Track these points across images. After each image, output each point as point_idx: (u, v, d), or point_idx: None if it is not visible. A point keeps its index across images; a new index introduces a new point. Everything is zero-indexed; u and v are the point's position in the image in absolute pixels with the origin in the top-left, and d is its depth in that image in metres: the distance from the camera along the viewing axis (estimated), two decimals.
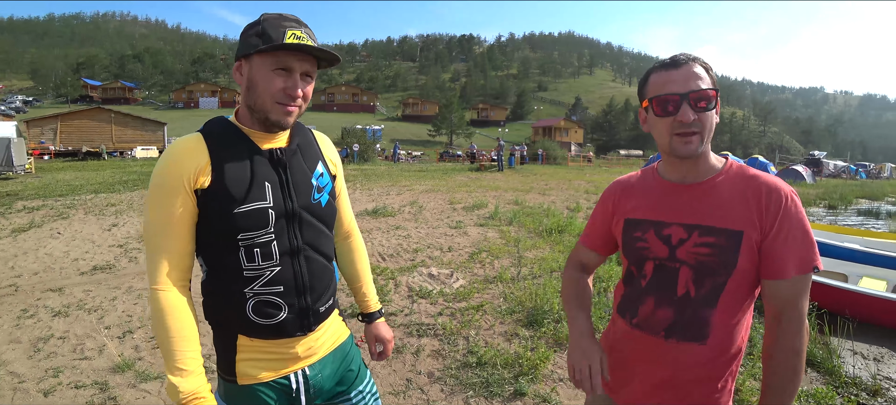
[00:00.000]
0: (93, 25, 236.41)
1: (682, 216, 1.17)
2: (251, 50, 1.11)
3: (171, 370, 1.08)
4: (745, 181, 1.14)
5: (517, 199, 12.29)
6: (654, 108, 1.14)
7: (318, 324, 1.28)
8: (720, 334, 1.14)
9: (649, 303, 1.21)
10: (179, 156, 1.12)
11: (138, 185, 14.37)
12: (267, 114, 1.14)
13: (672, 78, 1.11)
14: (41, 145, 31.39)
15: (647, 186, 1.29)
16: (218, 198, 1.11)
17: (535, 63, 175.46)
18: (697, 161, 1.17)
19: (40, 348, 3.51)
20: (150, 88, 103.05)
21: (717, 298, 1.13)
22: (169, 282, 1.12)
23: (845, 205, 15.62)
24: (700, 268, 1.13)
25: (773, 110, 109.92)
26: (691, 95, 1.09)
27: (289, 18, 1.13)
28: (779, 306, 1.09)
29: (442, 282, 5.18)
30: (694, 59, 1.12)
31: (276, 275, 1.18)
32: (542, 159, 36.30)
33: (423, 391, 3.02)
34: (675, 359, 1.18)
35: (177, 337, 1.09)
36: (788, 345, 1.09)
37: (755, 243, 1.09)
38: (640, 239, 1.24)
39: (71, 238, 7.09)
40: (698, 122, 1.10)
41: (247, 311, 1.17)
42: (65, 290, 4.78)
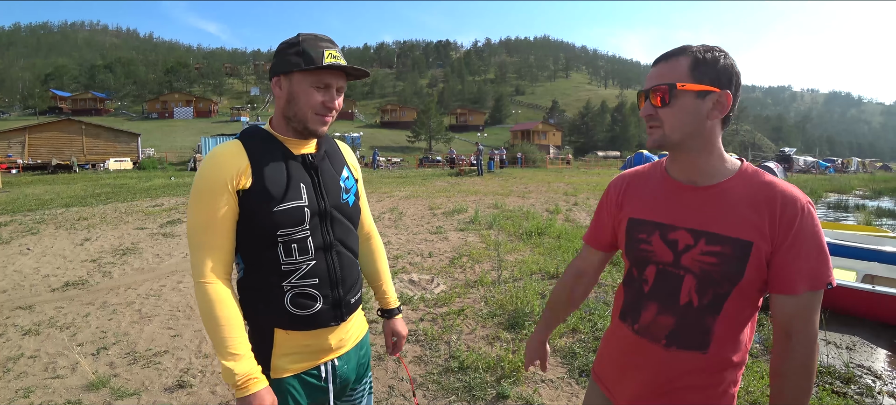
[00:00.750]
0: (61, 35, 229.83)
1: (689, 221, 1.12)
2: (293, 68, 1.22)
3: (225, 356, 1.17)
4: (760, 187, 1.07)
5: (497, 202, 12.36)
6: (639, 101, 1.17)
7: (349, 314, 1.38)
8: (722, 343, 1.11)
9: (652, 309, 1.18)
10: (222, 160, 1.22)
11: (112, 197, 14.02)
12: (306, 124, 1.26)
13: (649, 76, 1.13)
14: (8, 159, 30.37)
15: (654, 184, 1.23)
16: (259, 197, 1.22)
17: (512, 67, 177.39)
18: (701, 159, 1.12)
19: (10, 368, 3.39)
20: (123, 99, 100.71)
21: (721, 307, 1.09)
22: (214, 275, 1.21)
23: (816, 199, 16.12)
24: (704, 277, 1.09)
25: (744, 109, 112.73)
26: (651, 92, 1.10)
27: (323, 38, 1.25)
28: (787, 322, 1.05)
29: (423, 287, 5.18)
30: (682, 53, 1.08)
31: (312, 268, 1.28)
32: (521, 162, 36.58)
33: (406, 398, 3.01)
34: (675, 367, 1.15)
35: (226, 325, 1.18)
36: (798, 364, 1.04)
37: (765, 255, 1.04)
38: (645, 241, 1.19)
39: (41, 254, 6.88)
40: (657, 117, 1.10)
41: (285, 304, 1.26)
42: (35, 308, 4.64)
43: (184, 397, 3.03)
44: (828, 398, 3.02)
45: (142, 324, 4.22)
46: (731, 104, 1.07)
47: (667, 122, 1.09)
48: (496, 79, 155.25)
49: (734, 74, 1.07)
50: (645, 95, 1.12)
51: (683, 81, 1.05)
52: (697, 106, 1.06)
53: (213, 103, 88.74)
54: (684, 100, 1.06)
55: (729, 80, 1.06)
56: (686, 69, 1.06)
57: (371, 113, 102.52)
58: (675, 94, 1.06)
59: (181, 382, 3.19)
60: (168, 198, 14.01)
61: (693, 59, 1.06)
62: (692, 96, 1.06)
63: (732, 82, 1.07)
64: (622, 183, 1.32)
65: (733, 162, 1.14)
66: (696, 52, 1.06)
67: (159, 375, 3.31)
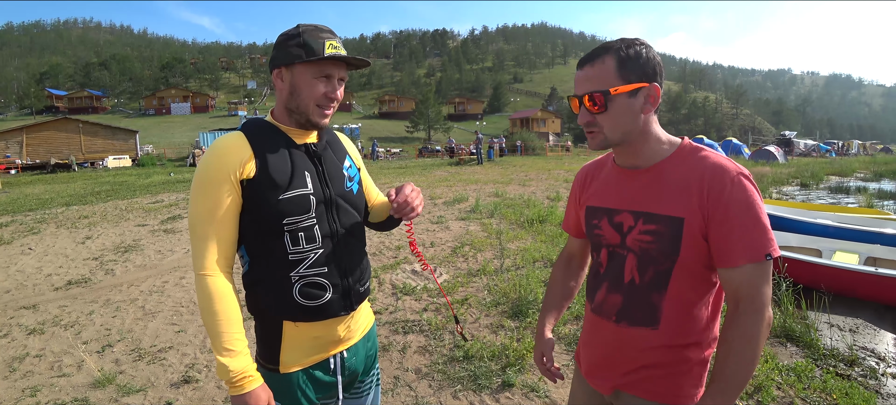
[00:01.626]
0: (54, 33, 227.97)
1: (631, 203, 1.17)
2: (295, 60, 1.21)
3: (220, 351, 1.15)
4: (692, 164, 1.10)
5: (497, 191, 12.34)
6: (571, 105, 1.17)
7: (358, 303, 1.37)
8: (674, 319, 1.13)
9: (603, 288, 1.24)
10: (224, 151, 1.21)
11: (112, 195, 13.99)
12: (308, 116, 1.26)
13: (577, 79, 1.14)
14: (6, 159, 30.29)
15: (605, 172, 1.29)
16: (263, 186, 1.21)
17: (510, 55, 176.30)
18: (639, 147, 1.15)
19: (15, 368, 3.40)
20: (119, 96, 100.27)
21: (666, 284, 1.12)
22: (215, 268, 1.19)
23: (817, 182, 16.08)
24: (643, 255, 1.14)
25: (744, 93, 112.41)
26: (583, 98, 1.11)
27: (324, 29, 1.24)
28: (733, 293, 1.06)
29: (426, 277, 5.18)
30: (606, 52, 1.09)
31: (320, 256, 1.27)
32: (521, 151, 36.48)
33: (412, 388, 3.01)
34: (628, 343, 1.19)
35: (224, 319, 1.16)
36: (741, 333, 1.03)
37: (699, 230, 1.06)
38: (597, 226, 1.26)
39: (43, 253, 6.87)
40: (595, 123, 1.12)
41: (294, 295, 1.25)
42: (39, 307, 4.64)
43: (190, 392, 3.04)
44: (832, 381, 3.03)
45: (146, 321, 4.22)
46: (659, 94, 1.10)
47: (605, 126, 1.12)
48: (494, 67, 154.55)
49: (657, 65, 1.09)
50: (579, 101, 1.13)
51: (614, 84, 1.07)
52: (631, 104, 1.09)
53: (210, 98, 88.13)
54: (618, 102, 1.09)
55: (654, 72, 1.09)
56: (613, 70, 1.07)
57: (369, 104, 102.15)
58: (609, 99, 1.08)
59: (187, 378, 3.19)
60: (168, 194, 13.99)
61: (618, 58, 1.07)
62: (624, 97, 1.08)
63: (657, 73, 1.09)
64: (582, 173, 1.40)
65: (673, 141, 1.17)
66: (620, 51, 1.08)
67: (165, 371, 3.31)
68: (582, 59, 1.13)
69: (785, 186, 15.39)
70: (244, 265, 1.30)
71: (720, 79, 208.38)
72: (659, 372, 1.17)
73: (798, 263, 4.78)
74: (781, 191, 14.13)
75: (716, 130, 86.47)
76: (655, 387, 1.18)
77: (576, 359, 1.44)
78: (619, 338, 1.20)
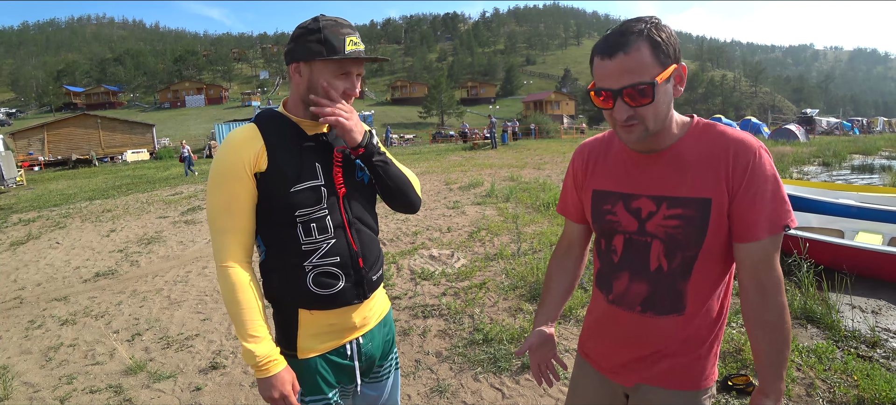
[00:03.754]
0: (69, 31, 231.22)
1: (649, 187, 1.13)
2: (315, 56, 1.21)
3: (245, 338, 1.20)
4: (712, 141, 1.08)
5: (512, 175, 12.32)
6: (594, 100, 1.07)
7: (372, 291, 1.38)
8: (697, 303, 1.13)
9: (623, 278, 1.19)
10: (237, 144, 1.23)
11: (133, 188, 14.29)
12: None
13: (607, 70, 1.02)
14: (30, 156, 31.04)
15: (614, 155, 1.22)
16: (275, 178, 1.23)
17: (522, 37, 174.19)
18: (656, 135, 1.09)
19: (51, 357, 3.55)
20: (135, 90, 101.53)
21: (691, 269, 1.10)
22: (234, 259, 1.23)
23: (839, 161, 15.71)
24: (670, 241, 1.10)
25: (763, 70, 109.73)
26: (625, 92, 1.01)
27: (343, 23, 1.23)
28: (754, 271, 1.05)
29: (443, 262, 5.23)
30: (637, 38, 0.99)
31: (332, 246, 1.28)
32: (535, 134, 36.24)
33: (433, 370, 3.07)
34: (653, 332, 1.16)
35: (247, 308, 1.21)
36: (778, 310, 1.05)
37: (725, 208, 1.05)
38: (610, 212, 1.20)
39: (70, 247, 7.08)
40: (636, 116, 1.03)
41: (307, 284, 1.27)
42: (70, 299, 4.80)
43: (218, 378, 3.13)
44: (853, 362, 3.00)
45: (172, 310, 4.35)
46: (686, 72, 1.06)
47: (649, 118, 1.03)
48: (506, 49, 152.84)
49: (677, 42, 1.04)
50: (614, 95, 1.02)
51: (655, 73, 0.99)
52: (668, 90, 1.04)
53: (223, 89, 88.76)
54: (662, 91, 1.02)
55: (677, 50, 1.04)
56: (650, 57, 0.99)
57: (381, 90, 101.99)
58: (656, 90, 1.00)
59: (214, 364, 3.29)
60: (186, 186, 14.23)
61: (651, 43, 0.99)
62: (665, 84, 1.03)
63: (679, 51, 1.04)
64: (584, 153, 1.31)
65: (685, 121, 1.14)
66: (650, 34, 0.99)
67: (193, 358, 3.42)
68: (608, 46, 1.01)
69: (806, 166, 15.07)
70: (261, 254, 1.33)
71: (739, 56, 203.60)
72: (682, 360, 1.16)
73: (820, 244, 4.71)
74: (802, 170, 13.85)
75: (734, 109, 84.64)
76: (679, 377, 1.17)
77: (581, 351, 1.38)
78: (645, 329, 1.17)
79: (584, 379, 1.37)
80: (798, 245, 4.53)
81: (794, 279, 4.38)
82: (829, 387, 2.77)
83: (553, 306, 1.39)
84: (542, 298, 1.42)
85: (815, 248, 4.56)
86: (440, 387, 2.87)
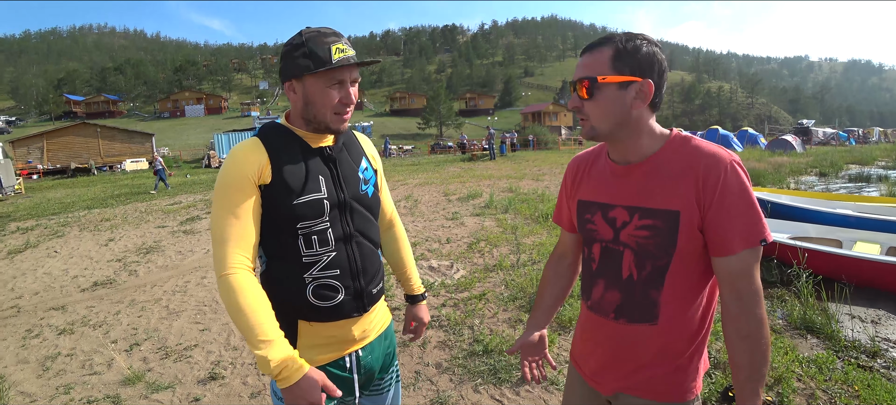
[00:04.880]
0: (70, 40, 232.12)
1: (624, 198, 1.17)
2: (304, 72, 1.20)
3: (256, 345, 1.10)
4: (685, 155, 1.10)
5: (511, 186, 12.34)
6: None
7: (371, 304, 1.38)
8: (672, 313, 1.14)
9: (600, 285, 1.23)
10: (243, 157, 1.23)
11: (131, 198, 14.26)
12: (328, 124, 1.26)
13: (578, 64, 1.15)
14: (29, 165, 30.99)
15: (598, 167, 1.27)
16: (279, 191, 1.23)
17: (520, 49, 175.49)
18: (630, 141, 1.14)
19: (49, 366, 3.52)
20: (134, 100, 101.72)
21: (663, 279, 1.12)
22: (236, 266, 1.17)
23: (836, 171, 15.79)
24: (640, 251, 1.13)
25: (759, 81, 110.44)
26: (578, 84, 1.13)
27: (327, 33, 1.22)
28: (733, 283, 1.07)
29: (443, 273, 5.22)
30: (605, 43, 1.10)
31: (333, 259, 1.29)
32: (534, 145, 36.38)
33: (433, 382, 3.06)
34: (627, 340, 1.19)
35: (253, 312, 1.13)
36: (756, 321, 1.06)
37: (695, 222, 1.06)
38: (590, 221, 1.24)
39: (68, 256, 7.05)
40: (583, 110, 1.13)
41: (307, 295, 1.27)
42: (67, 308, 4.78)
43: (216, 389, 3.12)
44: (854, 372, 3.00)
45: (170, 320, 4.33)
46: (653, 92, 1.08)
47: (592, 115, 1.12)
48: (504, 61, 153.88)
49: (656, 62, 1.08)
50: (573, 87, 1.15)
51: (604, 74, 1.08)
52: (620, 97, 1.08)
53: (223, 99, 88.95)
54: (606, 92, 1.09)
55: (650, 68, 1.08)
56: (607, 61, 1.08)
57: (380, 101, 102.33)
58: (597, 88, 1.09)
59: (213, 374, 3.28)
60: (185, 195, 14.22)
61: (614, 50, 1.08)
62: (614, 88, 1.08)
63: (654, 69, 1.08)
64: (575, 165, 1.37)
65: (664, 133, 1.16)
66: (618, 43, 1.08)
67: (191, 368, 3.40)
68: (585, 47, 1.15)
69: (803, 176, 15.13)
70: (261, 265, 1.32)
71: (735, 67, 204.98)
72: (660, 370, 1.17)
73: (818, 254, 4.73)
74: (799, 180, 13.90)
75: (731, 120, 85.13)
76: (657, 387, 1.19)
77: (571, 358, 1.42)
78: (619, 336, 1.20)
79: (571, 384, 1.42)
80: (797, 255, 4.55)
81: (793, 289, 4.39)
82: (830, 397, 2.76)
83: (546, 309, 1.47)
84: (535, 302, 1.49)
85: (813, 258, 4.57)
86: (440, 399, 2.85)
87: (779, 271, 4.86)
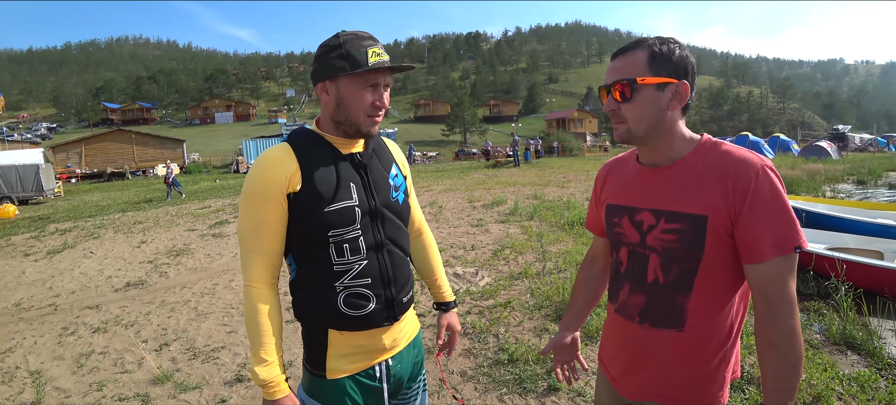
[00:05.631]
0: (108, 51, 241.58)
1: (651, 201, 1.16)
2: (339, 73, 1.20)
3: (256, 360, 1.21)
4: (715, 160, 1.09)
5: (536, 193, 12.24)
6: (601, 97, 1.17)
7: (402, 314, 1.37)
8: (699, 320, 1.11)
9: (626, 288, 1.23)
10: (271, 165, 1.22)
11: (163, 201, 14.67)
12: (359, 127, 1.25)
13: (609, 69, 1.14)
14: (68, 169, 32.29)
15: (628, 170, 1.27)
16: (310, 199, 1.22)
17: (544, 55, 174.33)
18: (663, 144, 1.14)
19: (83, 363, 3.63)
20: (167, 107, 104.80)
21: (691, 284, 1.10)
22: (261, 280, 1.23)
23: (875, 179, 15.18)
24: (666, 254, 1.12)
25: (791, 86, 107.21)
26: (612, 87, 1.12)
27: (364, 36, 1.22)
28: (764, 290, 1.04)
29: (468, 280, 5.19)
30: (638, 46, 1.10)
31: (364, 268, 1.27)
32: (558, 152, 36.04)
33: (457, 390, 3.03)
34: (652, 345, 1.17)
35: (264, 332, 1.22)
36: (785, 330, 1.02)
37: (724, 227, 1.04)
38: (617, 224, 1.24)
39: (103, 256, 7.29)
40: (620, 113, 1.12)
41: (339, 304, 1.26)
42: (101, 307, 4.93)
43: (242, 391, 3.15)
44: None
45: (199, 322, 4.41)
46: (688, 93, 1.09)
47: (630, 117, 1.11)
48: (528, 68, 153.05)
49: (689, 64, 1.09)
50: (607, 90, 1.14)
51: (643, 75, 1.08)
52: (658, 98, 1.09)
53: (251, 107, 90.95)
54: (644, 93, 1.08)
55: (685, 70, 1.08)
56: (644, 63, 1.08)
57: (404, 108, 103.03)
58: (635, 89, 1.09)
59: (239, 377, 3.32)
60: (214, 199, 14.56)
61: (650, 52, 1.08)
62: (652, 89, 1.08)
63: (688, 72, 1.09)
64: (604, 170, 1.39)
65: (694, 137, 1.16)
66: (653, 46, 1.08)
67: (218, 370, 3.45)
68: (615, 51, 1.14)
69: (839, 183, 14.58)
70: (291, 272, 1.31)
71: (765, 72, 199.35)
72: (685, 377, 1.15)
73: (858, 266, 4.52)
74: (836, 188, 13.40)
75: (761, 126, 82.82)
76: (682, 395, 1.16)
77: (599, 360, 1.41)
78: (642, 340, 1.19)
79: (599, 387, 1.43)
80: (834, 266, 4.36)
81: (831, 302, 4.20)
82: None
83: (577, 312, 1.49)
84: (568, 304, 1.52)
85: (853, 270, 4.38)
86: None
87: (815, 283, 4.67)
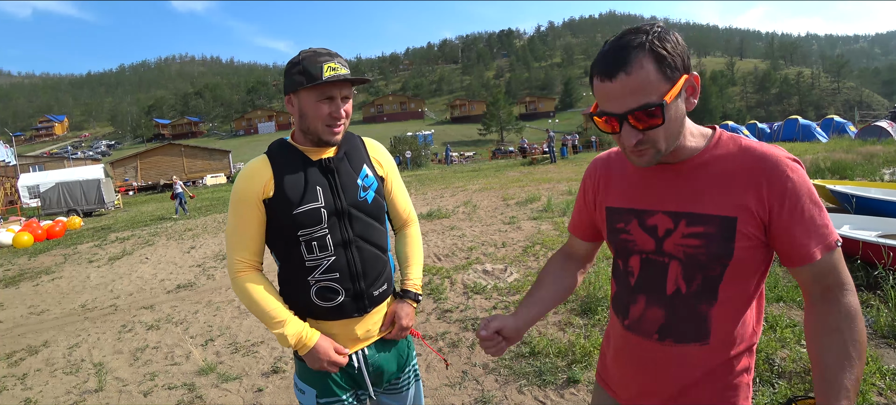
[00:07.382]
0: (157, 70, 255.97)
1: (666, 203, 1.03)
2: (298, 86, 1.33)
3: (273, 326, 1.35)
4: (737, 156, 0.98)
5: (570, 189, 12.11)
6: (598, 124, 0.98)
7: (373, 306, 1.47)
8: (724, 330, 1.02)
9: (640, 302, 1.09)
10: (250, 175, 1.39)
11: (211, 210, 15.43)
12: (319, 135, 1.37)
13: (609, 93, 0.92)
14: (125, 182, 34.41)
15: (628, 168, 1.12)
16: (281, 203, 1.36)
17: (579, 49, 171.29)
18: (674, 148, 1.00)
19: (138, 357, 3.98)
20: (213, 120, 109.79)
21: (715, 292, 0.99)
22: (244, 267, 1.39)
23: None
24: (690, 262, 1.00)
25: (846, 63, 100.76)
26: (631, 115, 0.91)
27: (322, 53, 1.33)
28: (819, 282, 0.96)
29: (496, 277, 5.26)
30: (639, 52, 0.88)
31: (332, 263, 1.39)
32: (596, 146, 35.38)
33: (479, 382, 3.11)
34: (673, 362, 1.05)
35: (264, 300, 1.37)
36: (845, 309, 0.93)
37: (755, 229, 0.95)
38: (624, 230, 1.10)
39: (157, 262, 7.80)
40: (646, 140, 0.94)
41: (311, 296, 1.40)
42: (155, 307, 5.32)
43: (278, 381, 3.36)
44: None
45: (241, 319, 4.69)
46: (698, 81, 0.96)
47: (660, 140, 0.94)
48: (563, 62, 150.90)
49: (685, 48, 0.94)
50: (619, 120, 0.93)
51: (663, 90, 0.90)
52: (680, 106, 0.94)
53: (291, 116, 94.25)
54: (672, 109, 0.92)
55: (686, 59, 0.93)
56: (655, 74, 0.89)
57: (441, 110, 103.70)
58: (666, 111, 0.90)
59: (275, 368, 3.53)
60: None
61: (655, 57, 0.88)
62: (677, 102, 0.93)
63: (688, 58, 0.94)
64: (597, 168, 1.22)
65: (705, 131, 1.04)
66: (653, 46, 0.88)
67: (257, 362, 3.68)
68: (607, 65, 0.91)
69: None
70: (278, 266, 1.46)
71: (816, 50, 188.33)
72: (709, 392, 1.04)
73: None
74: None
75: (814, 108, 78.29)
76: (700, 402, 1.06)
77: (600, 380, 1.28)
78: (664, 359, 1.06)
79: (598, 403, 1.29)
80: (880, 254, 4.15)
81: (878, 292, 4.01)
82: None
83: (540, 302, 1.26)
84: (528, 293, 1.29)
85: None
86: (484, 398, 2.91)
87: (864, 273, 4.45)
